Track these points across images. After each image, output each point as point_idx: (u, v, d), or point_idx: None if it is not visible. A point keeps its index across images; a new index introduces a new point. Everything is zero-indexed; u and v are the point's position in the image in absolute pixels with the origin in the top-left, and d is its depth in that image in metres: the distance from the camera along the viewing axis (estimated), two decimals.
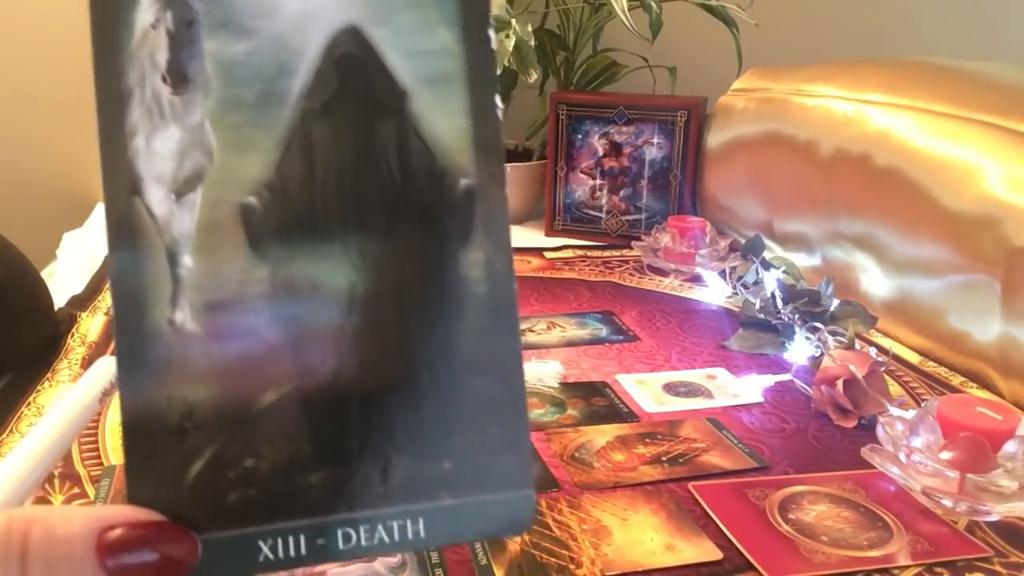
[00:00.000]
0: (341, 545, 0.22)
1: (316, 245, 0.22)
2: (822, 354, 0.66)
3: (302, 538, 0.22)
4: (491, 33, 0.23)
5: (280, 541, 0.22)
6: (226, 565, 0.22)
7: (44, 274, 0.73)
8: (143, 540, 0.20)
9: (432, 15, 0.22)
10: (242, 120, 0.22)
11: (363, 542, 0.22)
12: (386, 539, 0.22)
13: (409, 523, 0.22)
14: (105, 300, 0.80)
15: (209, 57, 0.22)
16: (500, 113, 0.23)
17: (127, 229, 0.22)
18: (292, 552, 0.22)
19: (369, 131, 0.23)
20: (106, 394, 0.29)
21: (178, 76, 0.22)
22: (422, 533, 0.23)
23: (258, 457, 0.22)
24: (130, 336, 0.22)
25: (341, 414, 0.23)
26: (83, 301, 0.80)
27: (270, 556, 0.22)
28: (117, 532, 0.20)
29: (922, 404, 0.57)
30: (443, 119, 0.23)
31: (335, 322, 0.23)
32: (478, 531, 0.23)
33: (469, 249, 0.23)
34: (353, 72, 0.22)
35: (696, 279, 0.93)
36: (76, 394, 0.28)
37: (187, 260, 0.22)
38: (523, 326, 0.76)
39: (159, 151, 0.22)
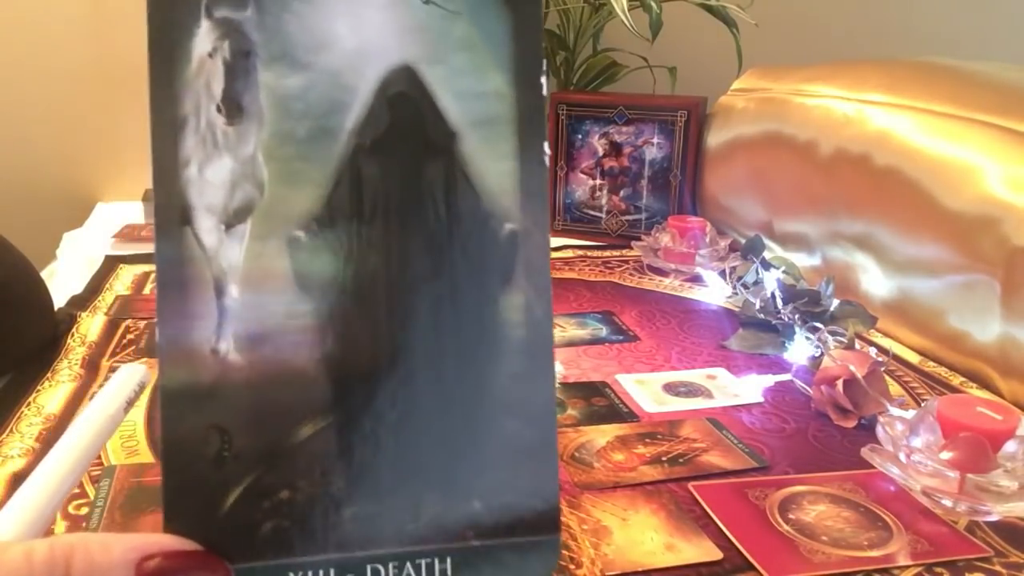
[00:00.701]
0: None
1: (359, 281, 0.23)
2: (822, 354, 0.66)
3: (332, 572, 0.22)
4: (543, 80, 0.23)
5: (310, 574, 0.22)
6: None
7: (44, 274, 0.73)
8: (179, 569, 0.21)
9: (485, 58, 0.22)
10: (294, 153, 0.22)
11: None
12: None
13: (437, 562, 0.23)
14: (105, 300, 0.80)
15: (264, 89, 0.22)
16: (547, 159, 0.23)
17: (175, 257, 0.22)
18: None
19: (418, 170, 0.23)
20: (130, 403, 0.29)
21: (233, 106, 0.22)
22: (449, 572, 0.23)
23: (293, 489, 0.22)
24: (174, 363, 0.22)
25: (376, 450, 0.23)
26: (83, 301, 0.80)
27: None
28: (155, 561, 0.21)
29: (922, 404, 0.57)
30: (491, 162, 0.23)
31: (374, 358, 0.23)
32: (503, 573, 0.23)
33: (510, 292, 0.23)
34: (405, 111, 0.23)
35: (696, 279, 0.93)
36: (100, 404, 0.28)
37: (233, 290, 0.22)
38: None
39: (211, 181, 0.22)
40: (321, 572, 0.22)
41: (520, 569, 0.23)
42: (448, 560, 0.23)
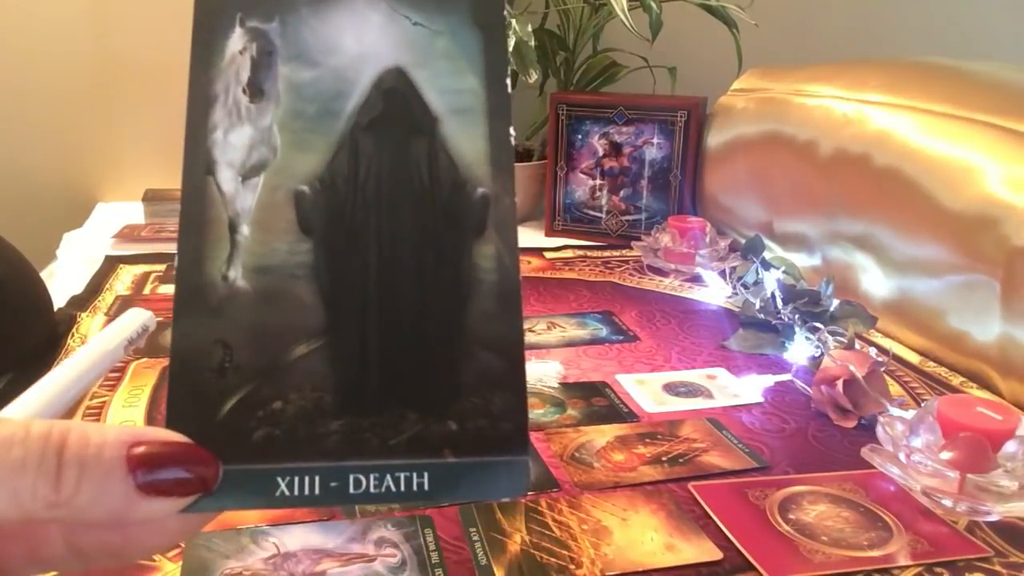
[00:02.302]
0: (352, 489, 0.25)
1: (354, 229, 0.27)
2: (822, 354, 0.66)
3: (317, 479, 0.25)
4: (508, 81, 0.28)
5: (296, 479, 0.25)
6: (245, 495, 0.24)
7: (44, 274, 0.73)
8: (169, 457, 0.23)
9: (462, 64, 0.28)
10: (303, 127, 0.27)
11: (372, 489, 0.25)
12: (393, 488, 0.25)
13: (415, 476, 0.25)
14: (105, 300, 0.80)
15: (282, 79, 0.27)
16: (512, 140, 0.28)
17: (198, 199, 0.26)
18: (306, 491, 0.25)
19: (405, 145, 0.27)
20: (131, 343, 0.31)
21: (256, 89, 0.27)
22: (426, 486, 0.25)
23: (285, 401, 0.25)
24: (189, 285, 0.26)
25: (363, 371, 0.26)
26: (83, 301, 0.80)
27: (286, 492, 0.24)
28: (146, 447, 0.22)
29: (922, 404, 0.57)
30: (467, 141, 0.27)
31: (364, 292, 0.26)
32: (476, 491, 0.26)
33: (482, 243, 0.27)
34: (396, 100, 0.27)
35: (696, 279, 0.93)
36: (103, 337, 0.30)
37: (245, 229, 0.26)
38: (523, 326, 0.76)
39: (233, 143, 0.27)
40: (307, 478, 0.25)
41: (492, 485, 0.26)
42: (425, 474, 0.25)
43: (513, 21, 0.99)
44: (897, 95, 0.83)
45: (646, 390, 0.64)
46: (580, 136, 1.09)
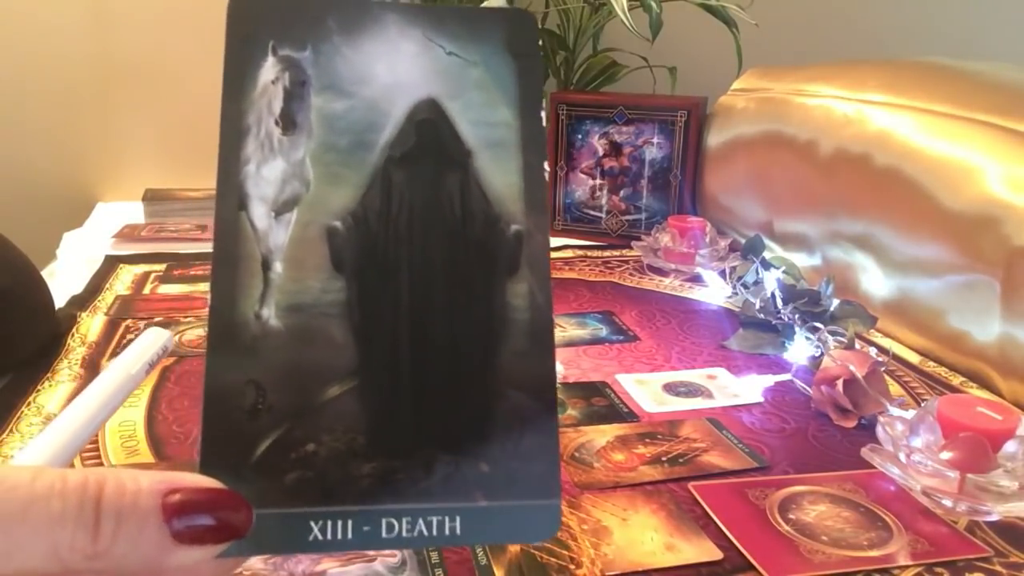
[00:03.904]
0: (384, 534, 0.24)
1: (386, 265, 0.27)
2: (822, 354, 0.66)
3: (350, 523, 0.24)
4: (543, 114, 0.28)
5: (330, 524, 0.24)
6: (278, 539, 0.24)
7: (44, 274, 0.73)
8: (203, 504, 0.23)
9: (496, 96, 0.27)
10: (336, 160, 0.27)
11: (404, 533, 0.24)
12: (425, 533, 0.25)
13: (447, 520, 0.25)
14: (105, 300, 0.80)
15: (315, 110, 0.27)
16: (547, 175, 0.28)
17: (232, 234, 0.26)
18: (339, 535, 0.24)
19: (438, 179, 0.27)
20: (151, 365, 0.31)
21: (288, 121, 0.27)
22: (458, 531, 0.25)
23: (318, 443, 0.25)
24: (222, 323, 0.25)
25: (395, 412, 0.26)
26: (83, 301, 0.80)
27: (319, 536, 0.24)
28: (182, 495, 0.22)
29: (922, 404, 0.57)
30: (500, 176, 0.27)
31: (395, 330, 0.26)
32: (508, 534, 0.25)
33: (515, 281, 0.27)
34: (429, 132, 0.27)
35: (696, 279, 0.93)
36: (123, 362, 0.30)
37: (278, 267, 0.26)
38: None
39: (266, 177, 0.26)
40: (340, 522, 0.24)
41: (523, 529, 0.25)
42: (458, 518, 0.25)
43: None
44: (897, 95, 0.83)
45: (646, 390, 0.64)
46: (580, 136, 1.09)
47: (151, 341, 0.32)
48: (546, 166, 0.28)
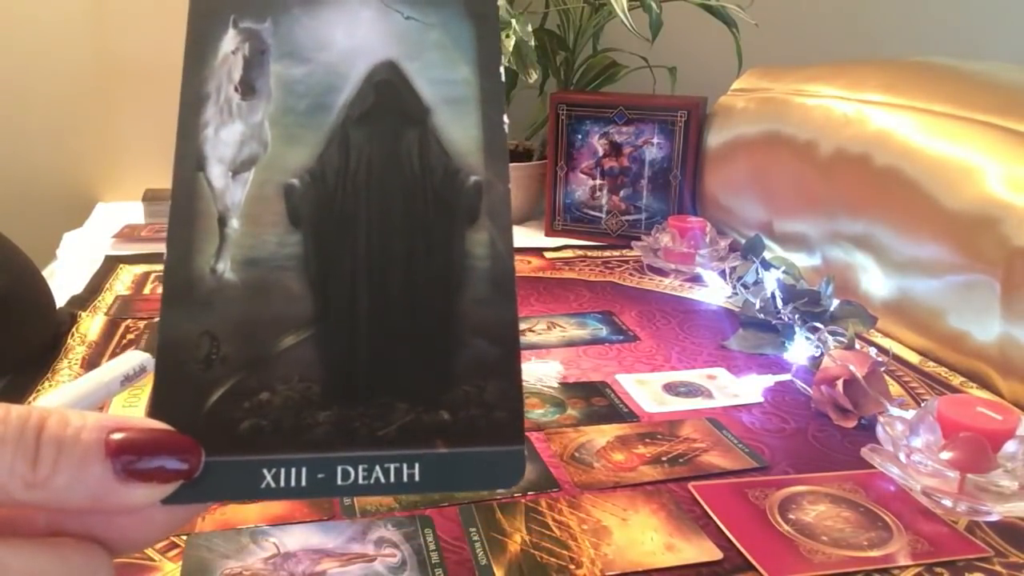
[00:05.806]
0: (339, 481, 0.24)
1: (343, 219, 0.27)
2: (822, 354, 0.66)
3: (304, 470, 0.24)
4: (502, 69, 0.28)
5: (283, 471, 0.24)
6: (231, 487, 0.24)
7: (44, 274, 0.73)
8: (148, 443, 0.22)
9: (455, 55, 0.28)
10: (294, 122, 0.27)
11: (360, 480, 0.24)
12: (382, 480, 0.24)
13: (405, 467, 0.25)
14: (105, 300, 0.80)
15: (274, 76, 0.27)
16: (506, 128, 0.28)
17: (188, 194, 0.26)
18: (293, 483, 0.24)
19: (397, 135, 0.27)
20: (127, 380, 0.32)
21: (247, 87, 0.27)
22: (417, 477, 0.24)
23: (272, 392, 0.25)
24: (177, 277, 0.25)
25: (352, 360, 0.26)
26: (83, 301, 0.80)
27: (272, 484, 0.24)
28: (126, 432, 0.22)
29: (922, 404, 0.57)
30: (459, 130, 0.27)
31: (353, 281, 0.26)
32: (470, 482, 0.25)
33: (475, 230, 0.27)
34: (387, 92, 0.27)
35: (696, 279, 0.93)
36: (101, 371, 0.31)
37: (234, 223, 0.26)
38: (523, 326, 0.77)
39: (224, 139, 0.27)
40: (293, 470, 0.24)
41: (486, 476, 0.25)
42: (416, 465, 0.24)
43: (513, 21, 0.99)
44: (897, 95, 0.83)
45: (646, 390, 0.64)
46: (580, 136, 1.09)
47: (129, 359, 0.32)
48: (505, 119, 0.28)
